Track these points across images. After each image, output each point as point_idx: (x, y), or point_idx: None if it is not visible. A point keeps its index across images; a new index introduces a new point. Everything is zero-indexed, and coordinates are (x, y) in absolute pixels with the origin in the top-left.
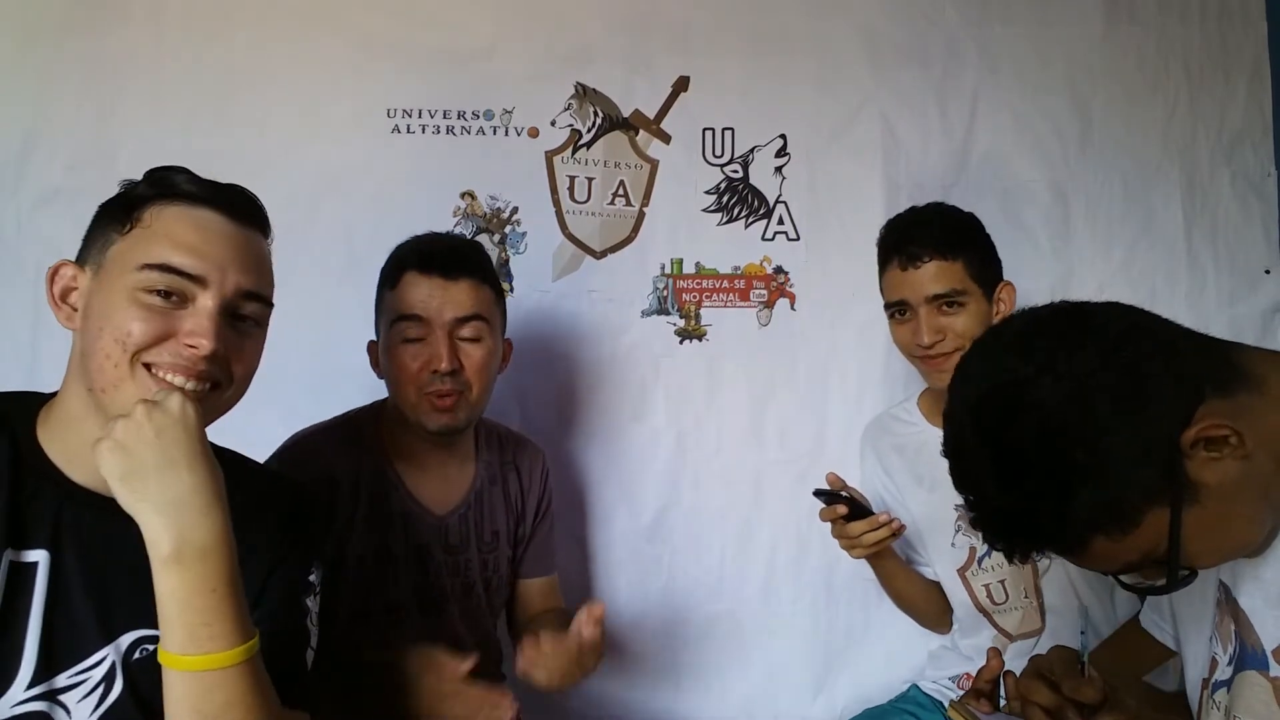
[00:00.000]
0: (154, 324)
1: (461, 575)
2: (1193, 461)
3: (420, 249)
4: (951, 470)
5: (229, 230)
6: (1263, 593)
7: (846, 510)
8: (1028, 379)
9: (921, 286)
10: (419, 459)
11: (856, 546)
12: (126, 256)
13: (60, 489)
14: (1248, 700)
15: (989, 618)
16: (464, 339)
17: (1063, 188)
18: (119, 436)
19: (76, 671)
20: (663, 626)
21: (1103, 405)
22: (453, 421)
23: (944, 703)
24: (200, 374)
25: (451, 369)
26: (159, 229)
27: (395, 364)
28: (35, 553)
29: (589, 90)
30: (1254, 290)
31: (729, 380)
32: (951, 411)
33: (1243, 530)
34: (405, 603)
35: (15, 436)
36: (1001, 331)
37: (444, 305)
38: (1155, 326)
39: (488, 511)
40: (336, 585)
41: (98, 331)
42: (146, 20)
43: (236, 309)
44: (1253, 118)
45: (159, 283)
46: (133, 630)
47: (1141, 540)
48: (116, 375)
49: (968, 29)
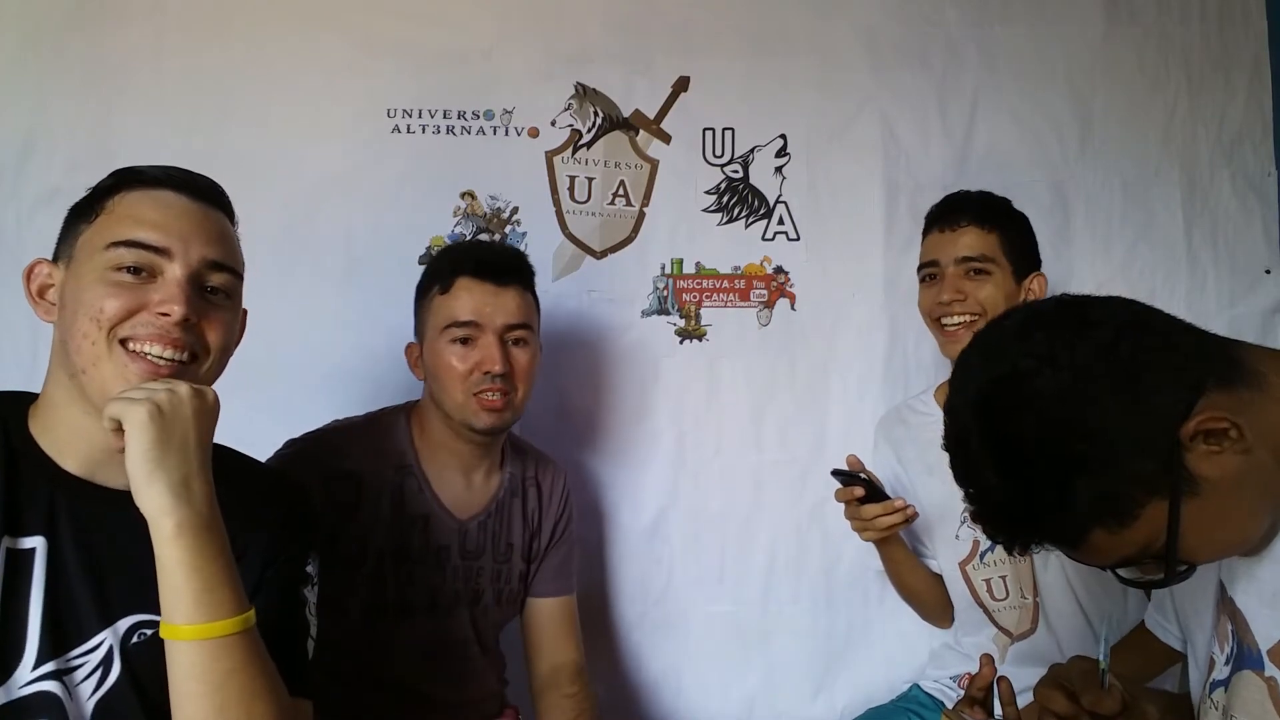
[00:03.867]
0: (125, 298)
1: (474, 582)
2: (1192, 454)
3: (475, 256)
4: (952, 463)
5: (189, 206)
6: (1258, 592)
7: (863, 492)
8: (1028, 371)
9: (954, 247)
10: (447, 463)
11: (869, 529)
12: (94, 241)
13: (53, 478)
14: (1244, 700)
15: (989, 614)
16: (512, 343)
17: (1063, 188)
18: (161, 401)
19: (77, 654)
20: (663, 626)
21: (1103, 396)
22: (500, 421)
23: (945, 703)
24: (175, 341)
25: (503, 371)
26: (122, 212)
27: (443, 365)
28: (32, 539)
29: (589, 90)
30: (1254, 290)
31: (729, 380)
32: (953, 404)
33: (1241, 525)
34: (418, 603)
35: (8, 429)
36: (1003, 324)
37: (495, 311)
38: (1156, 320)
39: (505, 522)
40: (354, 581)
41: (73, 315)
42: (146, 20)
43: (204, 280)
44: (1253, 118)
45: (126, 258)
46: (130, 615)
47: (1140, 533)
48: (94, 353)
49: (968, 29)
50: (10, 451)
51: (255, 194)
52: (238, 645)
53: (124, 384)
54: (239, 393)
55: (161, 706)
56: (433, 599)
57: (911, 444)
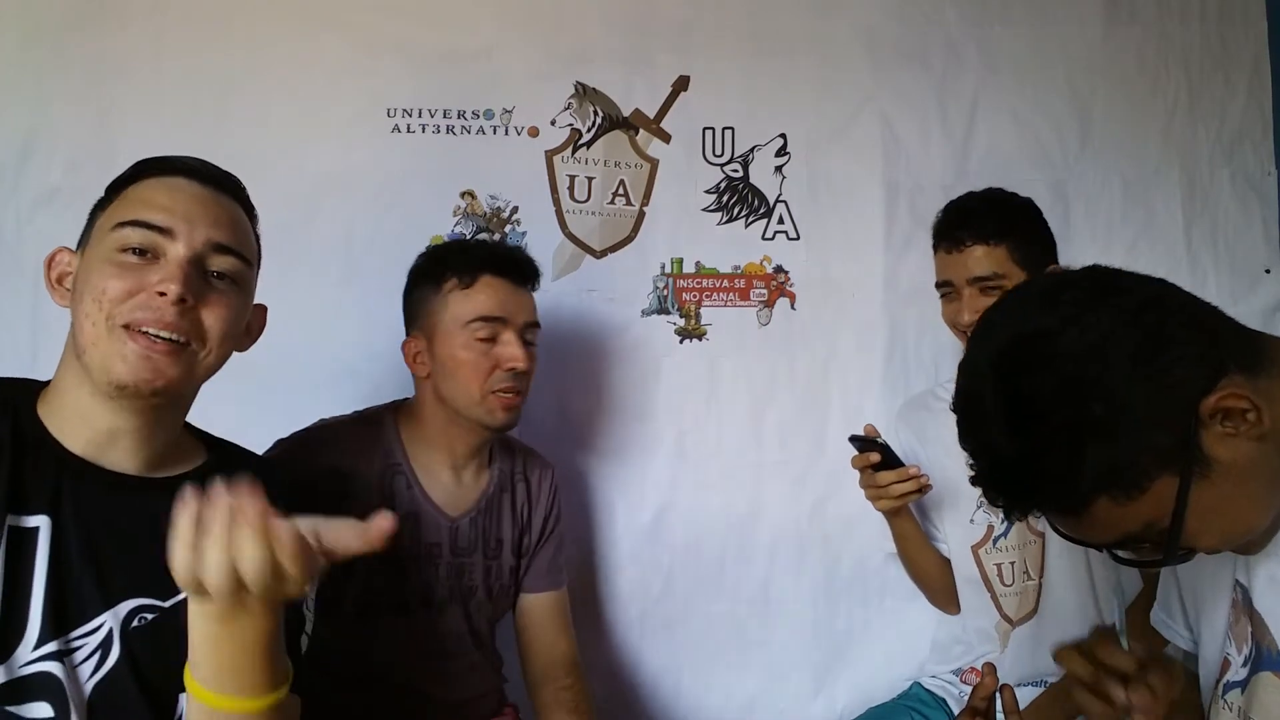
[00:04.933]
0: (128, 279)
1: (466, 578)
2: (1209, 432)
3: (499, 254)
4: (960, 421)
5: (198, 190)
6: (1277, 593)
7: (879, 458)
8: (1052, 330)
9: (965, 269)
10: (436, 461)
11: (883, 498)
12: (104, 225)
13: (58, 459)
14: (1264, 702)
15: (994, 599)
16: (527, 343)
17: (1063, 188)
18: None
19: (78, 635)
20: (663, 626)
21: (1125, 362)
22: (514, 419)
23: (947, 699)
24: (170, 324)
25: (526, 369)
26: (134, 196)
27: (462, 361)
28: (36, 518)
29: (589, 90)
30: (1254, 290)
31: (729, 380)
32: (970, 360)
33: (1247, 515)
34: (410, 601)
35: (16, 410)
36: (1029, 286)
37: (518, 309)
38: (1184, 299)
39: (495, 519)
40: (345, 579)
41: (80, 297)
42: (146, 20)
43: (207, 262)
44: (1253, 118)
45: (131, 238)
46: (131, 599)
47: (1145, 508)
48: (94, 333)
49: (968, 29)
50: (18, 432)
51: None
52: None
53: (121, 361)
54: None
55: (160, 690)
56: (425, 596)
57: (934, 425)
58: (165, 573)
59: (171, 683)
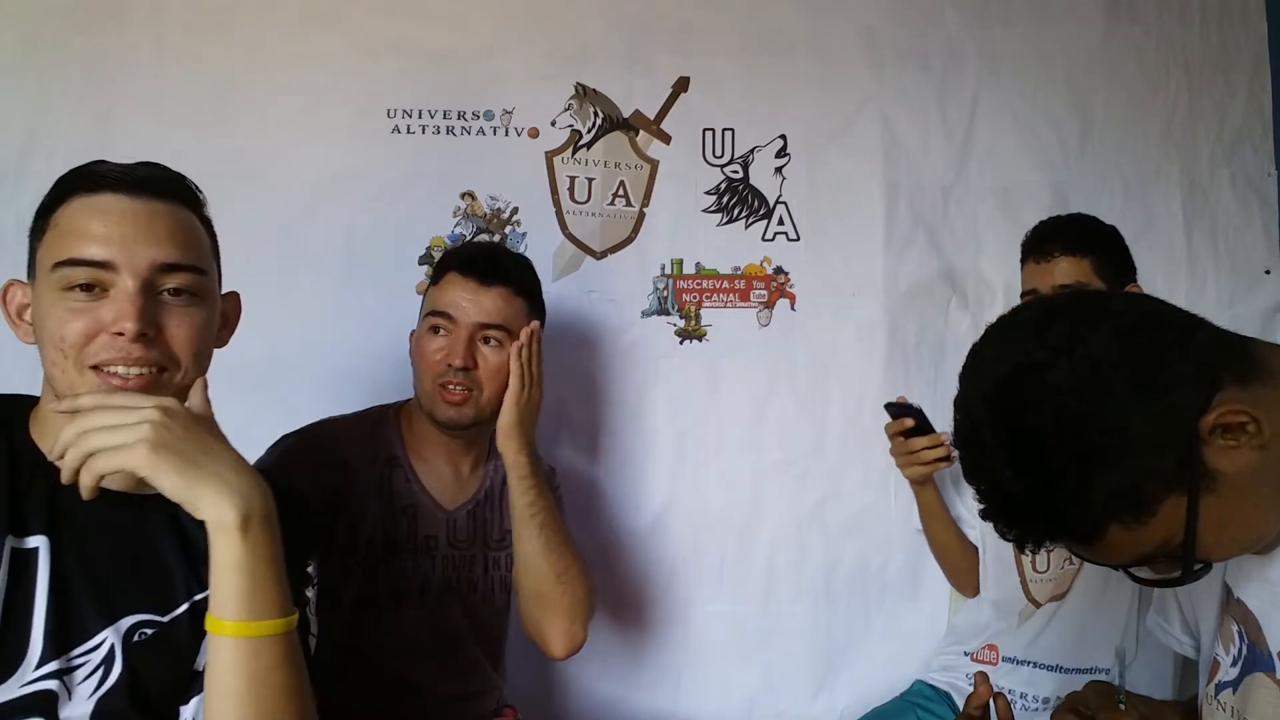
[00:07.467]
0: (82, 321)
1: (466, 570)
2: (1210, 449)
3: (464, 253)
4: (963, 459)
5: (132, 207)
6: (1270, 594)
7: (913, 424)
8: (1045, 363)
9: (1050, 277)
10: (433, 455)
11: (914, 464)
12: (44, 262)
13: (52, 479)
14: (1257, 703)
15: (1024, 584)
16: (485, 343)
17: (1063, 188)
18: (150, 438)
19: (79, 653)
20: (663, 627)
21: (1122, 389)
22: (459, 416)
23: (950, 693)
24: (138, 359)
25: (464, 366)
26: (64, 226)
27: (419, 353)
28: (35, 539)
29: (589, 90)
30: (1254, 290)
31: (729, 380)
32: (965, 398)
33: (1258, 522)
34: (410, 592)
35: (11, 431)
36: (1016, 317)
37: (472, 308)
38: (1173, 315)
39: (495, 511)
40: (346, 570)
41: (42, 342)
42: (146, 20)
43: (158, 285)
44: (1253, 118)
45: (75, 277)
46: (132, 614)
47: (1157, 530)
48: (67, 382)
49: (968, 29)
50: (12, 453)
51: (255, 194)
52: (283, 643)
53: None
54: (238, 392)
55: (162, 706)
56: (423, 588)
57: None
58: (164, 587)
59: (172, 695)
